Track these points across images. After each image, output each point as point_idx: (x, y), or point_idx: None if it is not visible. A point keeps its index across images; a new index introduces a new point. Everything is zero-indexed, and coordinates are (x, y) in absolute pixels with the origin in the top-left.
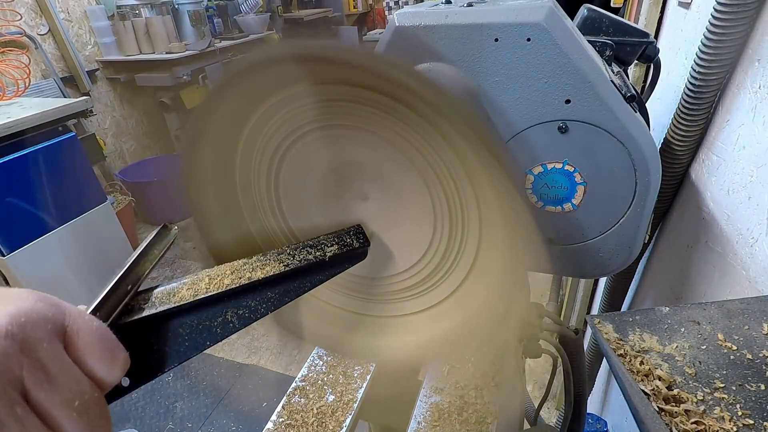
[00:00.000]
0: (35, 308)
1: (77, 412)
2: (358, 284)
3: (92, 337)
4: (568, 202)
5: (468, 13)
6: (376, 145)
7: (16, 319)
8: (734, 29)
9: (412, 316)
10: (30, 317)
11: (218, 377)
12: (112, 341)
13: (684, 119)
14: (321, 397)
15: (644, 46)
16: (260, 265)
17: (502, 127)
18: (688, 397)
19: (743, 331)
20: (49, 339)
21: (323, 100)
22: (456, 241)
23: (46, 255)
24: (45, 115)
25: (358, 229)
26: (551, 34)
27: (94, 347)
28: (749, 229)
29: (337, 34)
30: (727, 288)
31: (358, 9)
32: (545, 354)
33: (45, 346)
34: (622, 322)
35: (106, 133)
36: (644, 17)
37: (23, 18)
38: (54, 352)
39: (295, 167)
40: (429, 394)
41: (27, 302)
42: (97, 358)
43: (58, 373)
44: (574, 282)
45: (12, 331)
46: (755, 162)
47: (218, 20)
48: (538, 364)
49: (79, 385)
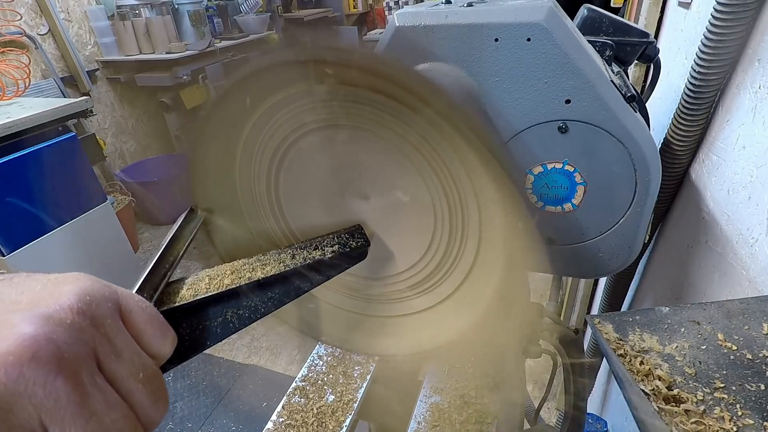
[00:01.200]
0: (95, 287)
1: (142, 383)
2: (357, 284)
3: (144, 315)
4: (568, 202)
5: (468, 13)
6: (376, 145)
7: (82, 297)
8: (734, 29)
9: (412, 316)
10: (93, 296)
11: (218, 377)
12: (160, 319)
13: (684, 119)
14: (321, 397)
15: (644, 46)
16: (260, 265)
17: (502, 127)
18: (688, 397)
19: (743, 331)
20: (112, 316)
21: (323, 100)
22: (456, 241)
23: (46, 255)
24: (45, 115)
25: (358, 229)
26: (551, 34)
27: (147, 324)
28: (749, 229)
29: (337, 34)
30: (727, 288)
31: (358, 9)
32: (545, 354)
33: (109, 322)
34: (622, 322)
35: (106, 133)
36: (644, 17)
37: (23, 18)
38: (118, 328)
39: (295, 167)
40: (429, 394)
41: (86, 282)
42: (149, 335)
43: (123, 347)
44: (574, 282)
45: (82, 308)
46: (755, 162)
47: (218, 20)
48: (538, 364)
49: (141, 358)
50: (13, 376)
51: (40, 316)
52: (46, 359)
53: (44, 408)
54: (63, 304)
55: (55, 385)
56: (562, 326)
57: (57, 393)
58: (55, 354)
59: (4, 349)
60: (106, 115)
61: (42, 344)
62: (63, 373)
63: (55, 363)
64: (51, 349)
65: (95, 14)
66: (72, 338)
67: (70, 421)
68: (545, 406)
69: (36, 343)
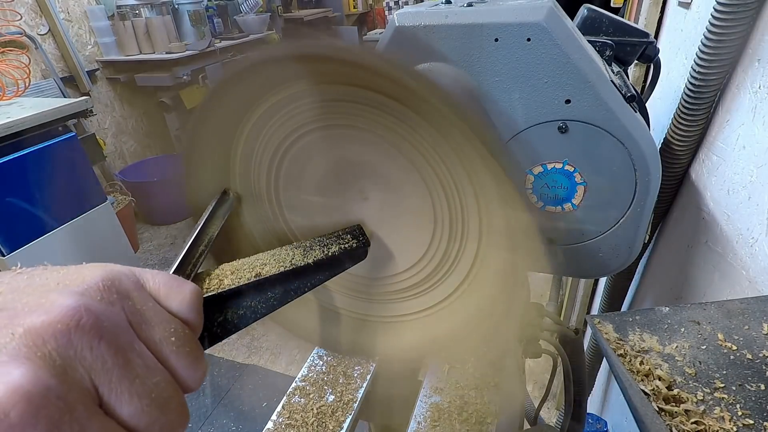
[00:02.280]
0: (115, 268)
1: (176, 346)
2: (357, 284)
3: (160, 279)
4: (568, 202)
5: (468, 13)
6: (376, 145)
7: (106, 276)
8: (734, 29)
9: (412, 315)
10: (115, 274)
11: (218, 377)
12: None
13: (684, 119)
14: (321, 397)
15: (644, 46)
16: (260, 265)
17: (502, 127)
18: (688, 397)
19: (743, 331)
20: (137, 288)
21: (323, 100)
22: (456, 240)
23: (46, 255)
24: (45, 115)
25: (358, 229)
26: (551, 34)
27: (166, 287)
28: (749, 229)
29: (337, 34)
30: (727, 288)
31: (358, 9)
32: (545, 354)
33: (135, 294)
34: (622, 322)
35: (106, 133)
36: (644, 17)
37: (23, 18)
38: (144, 298)
39: (295, 167)
40: (429, 394)
41: (106, 266)
42: (171, 298)
43: (153, 315)
44: (574, 282)
45: (107, 285)
46: (755, 162)
47: (218, 20)
48: (538, 364)
49: (172, 323)
50: (63, 342)
51: (74, 293)
52: (89, 327)
53: (93, 370)
54: (90, 283)
55: (100, 350)
56: (562, 326)
57: (102, 356)
58: (96, 322)
59: (51, 319)
60: (106, 115)
61: (83, 313)
62: (105, 338)
63: (96, 330)
64: (92, 317)
65: (95, 14)
66: (107, 310)
67: (117, 382)
68: (545, 406)
69: (78, 313)
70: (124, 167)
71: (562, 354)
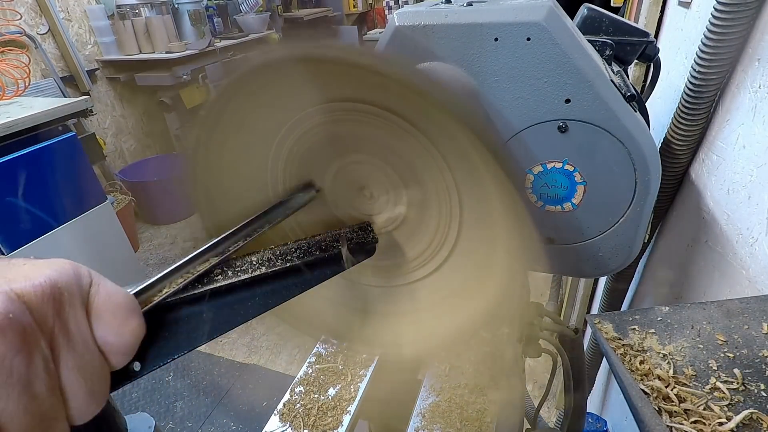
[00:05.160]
0: (70, 271)
1: (84, 378)
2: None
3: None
4: (568, 202)
5: (468, 12)
6: (379, 144)
7: (53, 279)
8: (734, 29)
9: (412, 315)
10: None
11: (218, 377)
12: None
13: (684, 119)
14: (321, 397)
15: (644, 45)
16: (267, 260)
17: (502, 127)
18: (687, 396)
19: (743, 330)
20: (74, 305)
21: (327, 101)
22: (455, 241)
23: (46, 255)
24: (45, 115)
25: (366, 226)
26: (551, 34)
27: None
28: (749, 229)
29: (337, 34)
30: (727, 288)
31: (358, 8)
32: (545, 354)
33: (70, 311)
34: (622, 321)
35: (106, 133)
36: (644, 17)
37: (23, 17)
38: (76, 319)
39: (304, 166)
40: (429, 394)
41: (64, 268)
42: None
43: (77, 339)
44: (574, 282)
45: (48, 293)
46: (755, 161)
47: (218, 20)
48: (538, 364)
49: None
50: None
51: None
52: (11, 336)
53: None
54: (28, 286)
55: (14, 361)
56: (562, 326)
57: (12, 368)
58: (20, 333)
59: None
60: (106, 114)
61: (9, 322)
62: (23, 351)
63: (18, 341)
64: (17, 328)
65: (95, 13)
66: (35, 321)
67: (16, 398)
68: (545, 406)
69: (6, 320)
70: (124, 167)
71: (562, 354)
